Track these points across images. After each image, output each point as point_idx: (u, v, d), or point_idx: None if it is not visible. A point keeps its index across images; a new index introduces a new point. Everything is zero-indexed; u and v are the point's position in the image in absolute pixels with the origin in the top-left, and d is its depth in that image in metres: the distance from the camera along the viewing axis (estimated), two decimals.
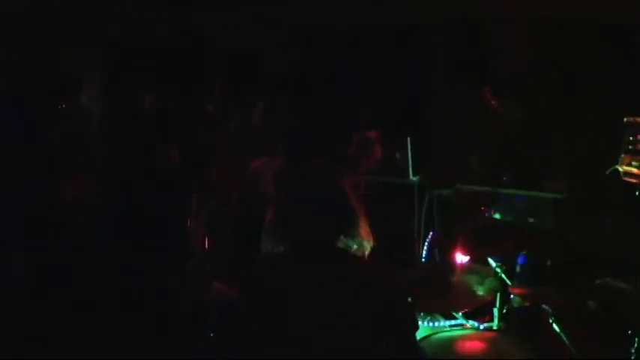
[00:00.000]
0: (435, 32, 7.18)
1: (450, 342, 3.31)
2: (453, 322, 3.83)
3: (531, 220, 4.29)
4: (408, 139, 4.63)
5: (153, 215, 5.40)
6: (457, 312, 3.82)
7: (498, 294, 3.64)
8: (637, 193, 3.75)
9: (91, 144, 5.53)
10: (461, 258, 3.84)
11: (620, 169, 3.79)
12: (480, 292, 3.56)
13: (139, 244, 5.31)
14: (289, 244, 2.34)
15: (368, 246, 2.38)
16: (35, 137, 5.44)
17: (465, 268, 3.72)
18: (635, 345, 3.23)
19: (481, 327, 3.68)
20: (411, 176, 4.60)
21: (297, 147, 6.57)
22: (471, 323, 3.74)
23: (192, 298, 3.87)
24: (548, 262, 4.03)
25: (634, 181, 3.73)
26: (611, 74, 6.14)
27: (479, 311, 3.80)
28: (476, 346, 3.29)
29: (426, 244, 4.47)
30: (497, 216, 4.43)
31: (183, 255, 5.31)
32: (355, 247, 2.35)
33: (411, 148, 4.58)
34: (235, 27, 7.73)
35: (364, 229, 2.37)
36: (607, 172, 3.85)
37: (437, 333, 3.42)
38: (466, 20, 6.78)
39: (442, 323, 3.83)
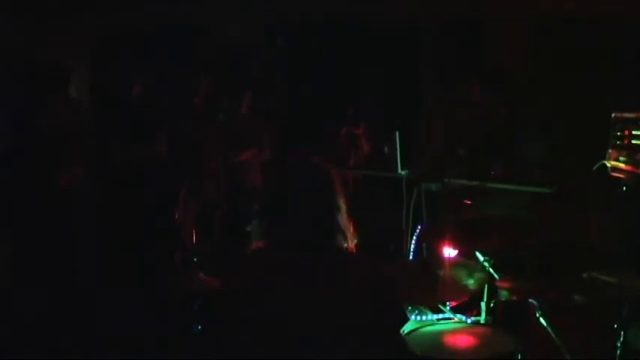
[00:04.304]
0: (424, 27, 7.19)
1: (437, 336, 3.32)
2: (440, 315, 3.84)
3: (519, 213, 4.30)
4: (397, 133, 4.63)
5: (141, 206, 5.39)
6: (445, 306, 3.84)
7: (486, 288, 3.66)
8: (623, 187, 3.77)
9: (81, 134, 5.50)
10: (449, 252, 3.84)
11: (608, 164, 3.80)
12: (469, 284, 3.58)
13: (128, 234, 5.30)
14: (277, 235, 2.33)
15: (351, 240, 2.36)
16: (27, 128, 5.41)
17: (452, 262, 3.73)
18: (621, 338, 3.25)
19: (469, 321, 3.69)
20: (399, 170, 4.60)
21: (286, 139, 6.58)
22: (458, 317, 3.76)
23: (180, 289, 3.86)
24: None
25: (621, 176, 3.74)
26: (600, 70, 6.18)
27: (466, 305, 3.82)
28: (463, 339, 3.29)
29: (414, 237, 4.48)
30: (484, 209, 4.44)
31: (171, 246, 5.30)
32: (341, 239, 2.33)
33: (399, 143, 4.58)
34: (224, 19, 7.71)
35: (348, 224, 2.35)
36: (594, 168, 3.86)
37: (424, 327, 3.42)
38: (456, 16, 6.80)
39: (430, 317, 3.85)
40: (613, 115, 3.87)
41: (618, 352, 3.26)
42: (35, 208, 5.20)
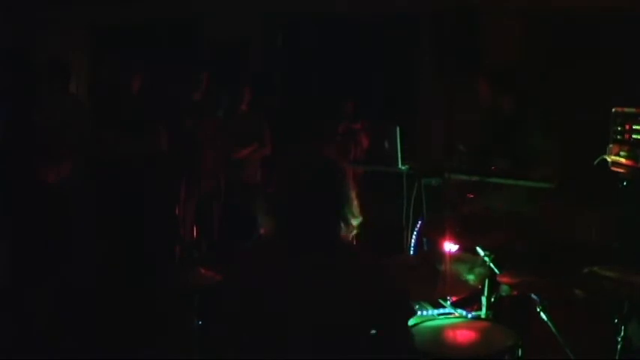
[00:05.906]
0: (424, 21, 7.20)
1: (438, 330, 3.31)
2: (441, 310, 3.84)
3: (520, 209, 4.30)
4: (397, 127, 4.63)
5: (141, 202, 5.38)
6: (445, 300, 3.83)
7: (487, 282, 3.65)
8: (624, 182, 3.76)
9: (79, 129, 5.49)
10: (449, 247, 3.84)
11: (608, 159, 3.80)
12: (469, 279, 3.58)
13: (127, 230, 5.29)
14: (283, 228, 2.32)
15: (356, 222, 2.34)
16: (27, 125, 5.41)
17: (453, 256, 3.72)
18: (622, 333, 3.24)
19: (469, 315, 3.69)
20: (399, 165, 4.60)
21: (285, 136, 6.58)
22: (459, 312, 3.75)
23: (180, 284, 3.85)
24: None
25: (622, 170, 3.74)
26: (600, 64, 6.18)
27: (467, 300, 3.81)
28: (464, 334, 3.29)
29: (415, 232, 4.48)
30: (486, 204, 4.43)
31: (172, 241, 5.30)
32: (345, 224, 2.31)
33: (400, 137, 4.58)
34: (224, 16, 7.71)
35: (355, 207, 2.33)
36: (595, 162, 3.86)
37: (425, 321, 3.41)
38: (456, 9, 6.80)
39: (430, 312, 3.84)
40: (614, 109, 3.87)
41: (618, 347, 3.25)
42: (34, 207, 5.18)
